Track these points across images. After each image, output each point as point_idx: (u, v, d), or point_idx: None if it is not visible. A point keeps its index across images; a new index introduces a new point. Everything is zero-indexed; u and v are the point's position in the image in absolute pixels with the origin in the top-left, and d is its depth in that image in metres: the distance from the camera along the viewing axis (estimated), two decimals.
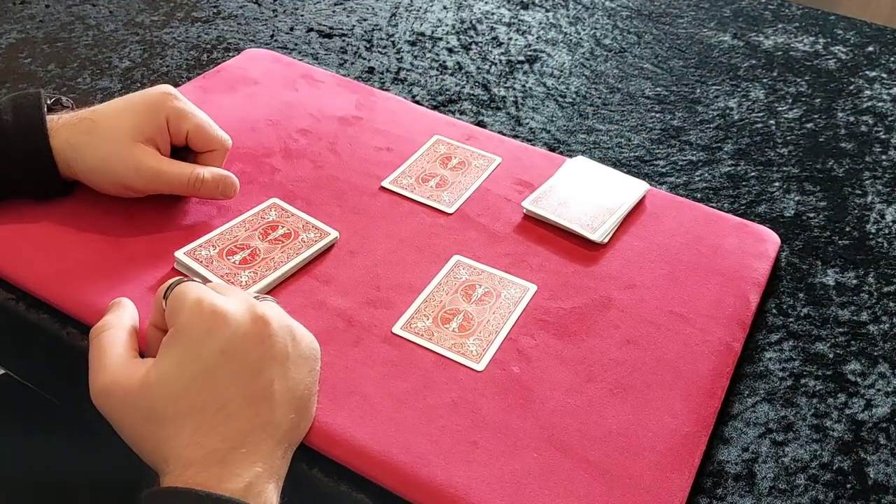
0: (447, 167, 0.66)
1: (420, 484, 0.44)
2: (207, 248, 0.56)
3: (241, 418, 0.41)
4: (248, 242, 0.56)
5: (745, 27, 0.94)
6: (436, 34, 0.89)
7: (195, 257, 0.55)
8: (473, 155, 0.68)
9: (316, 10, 0.92)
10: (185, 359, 0.42)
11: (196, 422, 0.41)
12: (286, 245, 0.56)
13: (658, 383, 0.51)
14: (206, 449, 0.40)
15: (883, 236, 0.66)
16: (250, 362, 0.42)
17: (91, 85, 0.76)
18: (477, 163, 0.67)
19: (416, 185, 0.64)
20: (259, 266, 0.54)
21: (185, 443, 0.40)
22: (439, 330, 0.53)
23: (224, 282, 0.53)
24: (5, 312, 0.56)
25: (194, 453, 0.40)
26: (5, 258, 0.55)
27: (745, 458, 0.49)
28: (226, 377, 0.42)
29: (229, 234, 0.57)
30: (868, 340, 0.57)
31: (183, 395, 0.41)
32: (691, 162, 0.73)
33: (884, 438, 0.51)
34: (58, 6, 0.88)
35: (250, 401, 0.42)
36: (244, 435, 0.41)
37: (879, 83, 0.85)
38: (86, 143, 0.54)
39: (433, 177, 0.65)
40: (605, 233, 0.60)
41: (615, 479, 0.46)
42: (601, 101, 0.80)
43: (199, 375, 0.41)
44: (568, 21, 0.93)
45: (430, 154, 0.68)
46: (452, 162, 0.67)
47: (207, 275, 0.53)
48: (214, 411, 0.41)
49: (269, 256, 0.55)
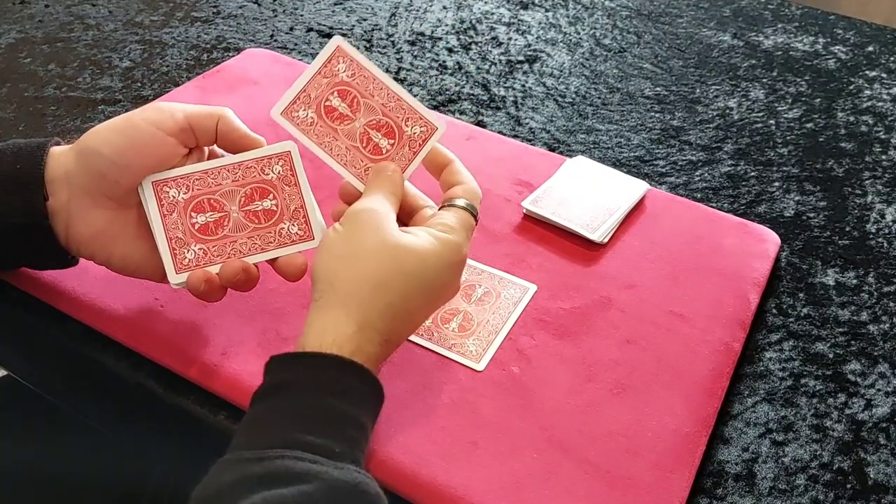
0: None
1: (420, 484, 0.44)
2: (179, 188, 0.47)
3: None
4: (225, 201, 0.48)
5: (744, 27, 0.94)
6: (436, 34, 0.89)
7: (160, 194, 0.47)
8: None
9: (315, 10, 0.92)
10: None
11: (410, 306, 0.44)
12: (260, 228, 0.48)
13: (658, 383, 0.51)
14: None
15: (883, 236, 0.66)
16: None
17: (91, 84, 0.76)
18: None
19: None
20: (214, 245, 0.47)
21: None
22: (439, 330, 0.53)
23: (169, 247, 0.47)
24: (6, 313, 0.56)
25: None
26: None
27: (745, 458, 0.49)
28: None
29: (213, 176, 0.48)
30: (868, 340, 0.57)
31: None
32: (691, 162, 0.73)
33: (884, 438, 0.51)
34: (58, 6, 0.88)
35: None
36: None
37: (879, 83, 0.85)
38: (82, 151, 0.47)
39: None
40: (604, 233, 0.60)
41: (615, 479, 0.46)
42: (601, 100, 0.80)
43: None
44: (568, 21, 0.93)
45: None
46: None
47: (157, 227, 0.47)
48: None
49: (232, 236, 0.48)
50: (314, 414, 0.39)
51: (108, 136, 0.47)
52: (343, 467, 0.37)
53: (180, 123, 0.47)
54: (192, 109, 0.48)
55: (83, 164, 0.47)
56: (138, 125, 0.47)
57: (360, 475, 0.38)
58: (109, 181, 0.47)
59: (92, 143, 0.47)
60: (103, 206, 0.48)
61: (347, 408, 0.40)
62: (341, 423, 0.39)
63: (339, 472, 0.36)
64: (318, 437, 0.38)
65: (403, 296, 0.43)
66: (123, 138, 0.46)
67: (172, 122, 0.47)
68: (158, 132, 0.47)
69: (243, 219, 0.48)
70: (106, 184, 0.47)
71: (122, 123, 0.47)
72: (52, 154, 0.47)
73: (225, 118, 0.48)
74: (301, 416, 0.39)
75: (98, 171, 0.47)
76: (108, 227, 0.48)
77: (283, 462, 0.36)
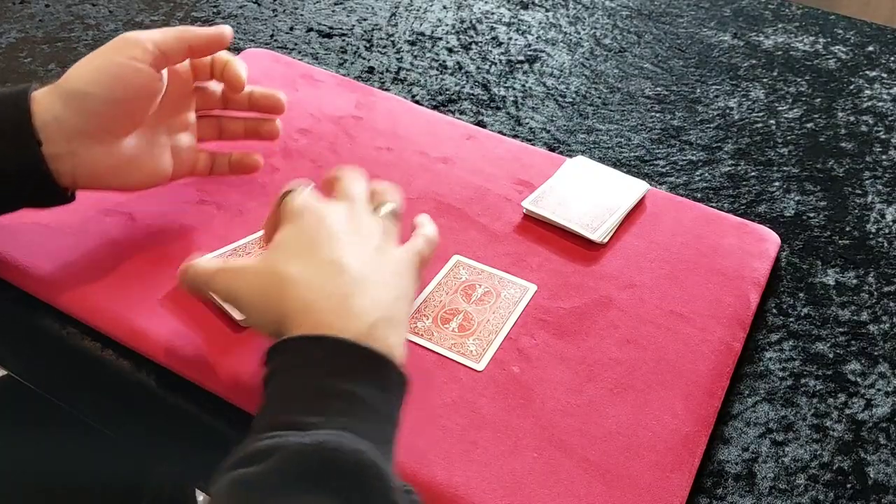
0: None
1: (420, 484, 0.44)
2: None
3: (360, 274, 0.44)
4: None
5: (745, 27, 0.94)
6: (436, 34, 0.89)
7: None
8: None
9: (316, 10, 0.92)
10: (301, 231, 0.46)
11: (314, 272, 0.43)
12: None
13: (658, 383, 0.51)
14: (326, 293, 0.42)
15: (883, 236, 0.66)
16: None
17: None
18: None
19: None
20: None
21: (304, 292, 0.43)
22: (439, 330, 0.53)
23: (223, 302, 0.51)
24: (6, 313, 0.56)
25: (316, 298, 0.42)
26: (6, 259, 0.55)
27: (745, 458, 0.49)
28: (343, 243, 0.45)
29: (243, 250, 0.56)
30: (868, 340, 0.57)
31: (302, 253, 0.44)
32: (691, 162, 0.73)
33: (884, 438, 0.51)
34: (58, 6, 0.88)
35: (365, 264, 0.45)
36: (362, 285, 0.43)
37: (879, 83, 0.85)
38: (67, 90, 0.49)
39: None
40: (604, 233, 0.60)
41: (615, 479, 0.46)
42: (601, 100, 0.80)
43: (321, 239, 0.45)
44: (568, 21, 0.93)
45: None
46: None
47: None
48: (331, 265, 0.44)
49: None
50: (290, 394, 0.39)
51: (93, 76, 0.49)
52: (308, 434, 0.36)
53: (152, 52, 0.50)
54: (158, 36, 0.50)
55: (74, 107, 0.49)
56: (118, 61, 0.49)
57: (330, 436, 0.36)
58: (106, 118, 0.49)
59: (77, 86, 0.49)
60: (106, 142, 0.50)
61: (326, 380, 0.39)
62: (319, 397, 0.39)
63: (301, 438, 0.36)
64: (294, 414, 0.38)
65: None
66: (109, 76, 0.49)
67: (144, 52, 0.49)
68: (139, 64, 0.49)
69: None
70: (103, 120, 0.49)
71: (101, 61, 0.49)
72: (36, 99, 0.48)
73: (188, 34, 0.52)
74: (278, 399, 0.40)
75: (93, 111, 0.49)
76: (119, 156, 0.51)
77: (255, 444, 0.36)
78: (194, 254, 0.52)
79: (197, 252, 0.54)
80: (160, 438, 0.57)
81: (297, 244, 0.45)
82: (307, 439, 0.36)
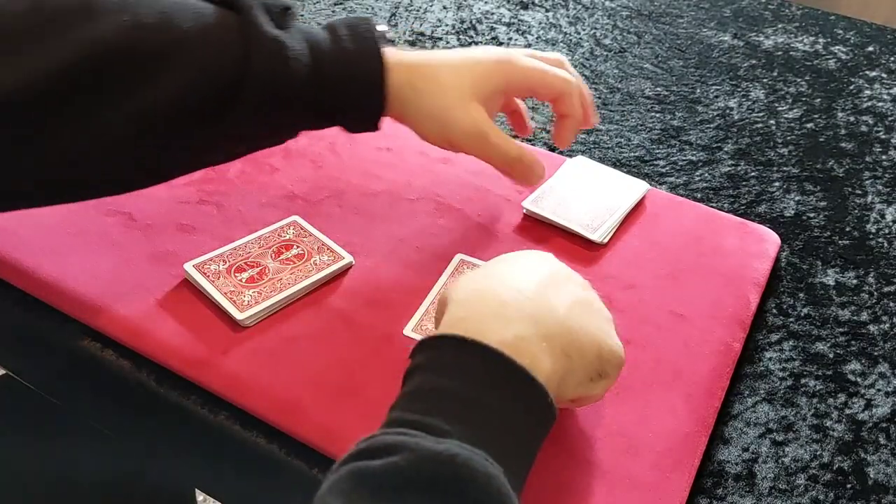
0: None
1: None
2: (217, 263, 0.55)
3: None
4: (259, 260, 0.55)
5: (745, 27, 0.94)
6: (436, 34, 0.89)
7: (203, 271, 0.54)
8: None
9: (316, 10, 0.92)
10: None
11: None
12: (297, 266, 0.55)
13: (658, 383, 0.51)
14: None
15: (883, 236, 0.66)
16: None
17: None
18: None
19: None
20: (265, 286, 0.54)
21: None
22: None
23: (227, 299, 0.52)
24: (6, 313, 0.56)
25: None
26: (6, 260, 0.55)
27: (745, 458, 0.49)
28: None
29: (242, 249, 0.56)
30: (868, 340, 0.57)
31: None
32: (691, 162, 0.73)
33: (884, 438, 0.51)
34: None
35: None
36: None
37: (879, 83, 0.85)
38: (426, 90, 0.54)
39: None
40: (605, 233, 0.60)
41: (615, 479, 0.46)
42: (601, 101, 0.80)
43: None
44: (568, 21, 0.93)
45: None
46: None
47: (211, 291, 0.53)
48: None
49: (276, 277, 0.54)
50: (427, 395, 0.39)
51: (431, 112, 0.55)
52: (443, 441, 0.36)
53: (471, 147, 0.56)
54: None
55: (419, 114, 0.55)
56: (449, 123, 0.55)
57: (460, 449, 0.35)
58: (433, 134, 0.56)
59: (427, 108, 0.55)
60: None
61: (462, 388, 0.38)
62: (455, 405, 0.38)
63: (434, 444, 0.35)
64: (427, 416, 0.37)
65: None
66: (436, 122, 0.55)
67: (466, 143, 0.56)
68: (457, 136, 0.55)
69: (280, 265, 0.55)
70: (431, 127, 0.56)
71: (443, 111, 0.55)
72: (389, 67, 0.52)
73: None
74: (414, 398, 0.39)
75: (423, 131, 0.56)
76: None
77: (383, 438, 0.36)
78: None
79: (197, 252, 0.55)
80: (160, 438, 0.57)
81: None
82: (437, 447, 0.35)
